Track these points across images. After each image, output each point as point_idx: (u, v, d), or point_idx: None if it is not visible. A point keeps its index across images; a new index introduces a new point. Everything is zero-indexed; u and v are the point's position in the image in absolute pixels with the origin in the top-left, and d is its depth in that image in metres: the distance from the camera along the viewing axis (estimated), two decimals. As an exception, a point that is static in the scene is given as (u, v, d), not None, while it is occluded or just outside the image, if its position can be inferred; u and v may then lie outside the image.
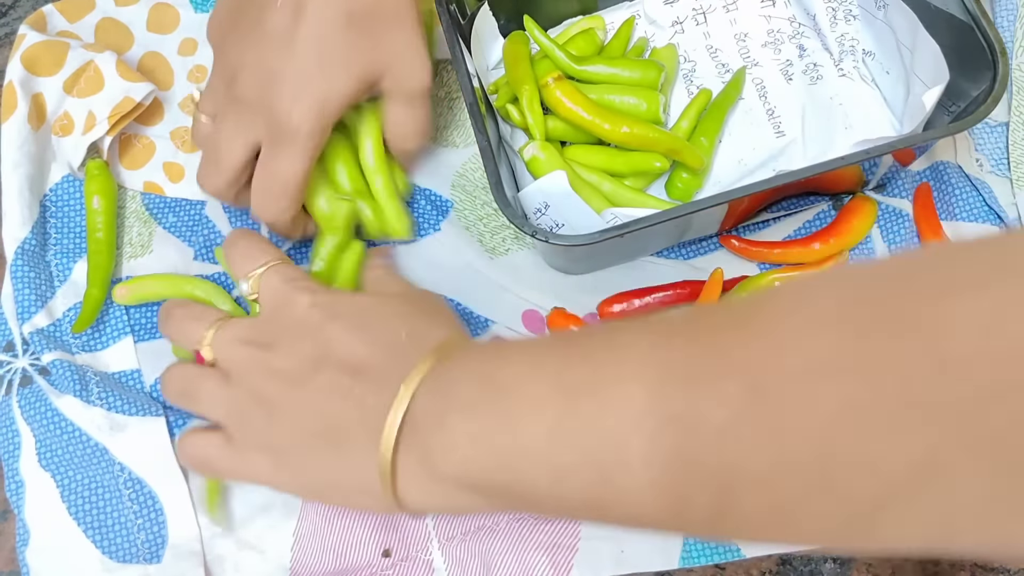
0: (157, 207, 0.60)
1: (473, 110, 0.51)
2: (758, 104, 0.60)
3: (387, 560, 0.50)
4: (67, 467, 0.52)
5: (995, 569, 0.51)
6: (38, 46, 0.59)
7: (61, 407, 0.53)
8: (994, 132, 0.60)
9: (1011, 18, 0.60)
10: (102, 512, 0.52)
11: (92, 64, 0.59)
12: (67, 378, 0.53)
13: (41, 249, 0.58)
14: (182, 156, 0.62)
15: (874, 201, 0.57)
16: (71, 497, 0.52)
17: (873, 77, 0.60)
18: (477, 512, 0.49)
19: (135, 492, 0.52)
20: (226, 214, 0.60)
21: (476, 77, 0.55)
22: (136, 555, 0.51)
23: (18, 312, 0.55)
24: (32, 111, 0.59)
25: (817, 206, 0.58)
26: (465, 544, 0.50)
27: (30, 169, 0.58)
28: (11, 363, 0.55)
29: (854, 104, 0.59)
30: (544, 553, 0.49)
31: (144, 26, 0.65)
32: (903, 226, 0.57)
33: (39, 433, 0.53)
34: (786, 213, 0.58)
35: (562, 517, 0.47)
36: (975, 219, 0.57)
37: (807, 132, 0.59)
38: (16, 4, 0.69)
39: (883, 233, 0.58)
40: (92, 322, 0.55)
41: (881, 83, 0.59)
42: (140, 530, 0.51)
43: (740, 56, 0.61)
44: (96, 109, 0.59)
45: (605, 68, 0.57)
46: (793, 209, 0.58)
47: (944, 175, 0.59)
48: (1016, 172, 0.58)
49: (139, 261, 0.59)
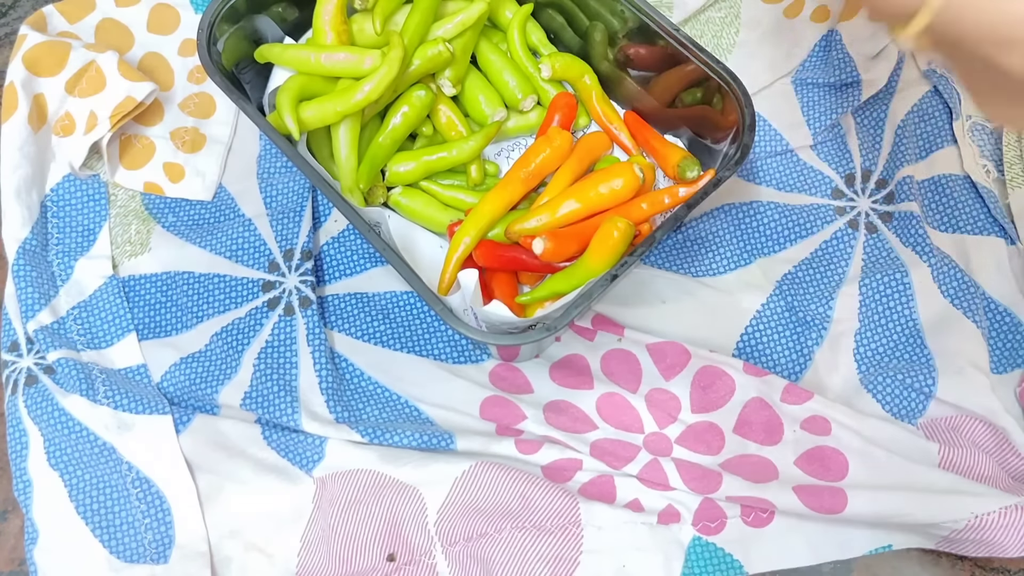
0: (157, 207, 0.61)
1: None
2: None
3: (391, 564, 0.51)
4: (75, 466, 0.53)
5: (995, 568, 0.51)
6: (40, 47, 0.59)
7: (68, 406, 0.54)
8: (992, 136, 0.60)
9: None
10: (110, 512, 0.52)
11: (94, 64, 0.59)
12: (73, 377, 0.54)
13: (42, 249, 0.58)
14: (182, 156, 0.62)
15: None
16: (79, 496, 0.53)
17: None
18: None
19: (143, 492, 0.53)
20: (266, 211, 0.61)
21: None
22: (143, 555, 0.51)
23: (21, 311, 0.56)
24: (33, 112, 0.59)
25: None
26: (468, 549, 0.51)
27: (30, 170, 0.58)
28: (16, 363, 0.55)
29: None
30: (546, 565, 0.50)
31: (144, 27, 0.65)
32: (913, 225, 0.58)
33: (47, 432, 0.54)
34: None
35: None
36: (979, 232, 0.58)
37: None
38: (16, 4, 0.68)
39: (895, 232, 0.58)
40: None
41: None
42: (147, 530, 0.52)
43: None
44: (98, 109, 0.59)
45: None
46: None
47: (946, 188, 0.59)
48: (1009, 173, 0.58)
49: (139, 260, 0.59)
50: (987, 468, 0.51)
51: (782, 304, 0.57)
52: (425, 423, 0.54)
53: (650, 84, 0.59)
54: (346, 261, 0.60)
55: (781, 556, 0.51)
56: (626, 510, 0.51)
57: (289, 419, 0.53)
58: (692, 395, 0.55)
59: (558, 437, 0.53)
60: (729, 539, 0.51)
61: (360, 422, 0.54)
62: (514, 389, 0.55)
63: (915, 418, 0.54)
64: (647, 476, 0.52)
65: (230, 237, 0.60)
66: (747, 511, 0.51)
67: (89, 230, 0.59)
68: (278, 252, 0.59)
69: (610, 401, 0.54)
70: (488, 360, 0.57)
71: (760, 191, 0.61)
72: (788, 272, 0.58)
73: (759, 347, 0.56)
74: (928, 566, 0.52)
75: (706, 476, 0.52)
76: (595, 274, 0.48)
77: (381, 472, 0.53)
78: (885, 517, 0.50)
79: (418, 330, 0.57)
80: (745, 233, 0.59)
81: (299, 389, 0.55)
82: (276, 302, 0.58)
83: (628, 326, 0.56)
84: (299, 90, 0.53)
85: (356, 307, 0.58)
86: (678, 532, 0.51)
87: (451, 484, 0.52)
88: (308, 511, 0.52)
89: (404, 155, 0.57)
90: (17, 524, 0.54)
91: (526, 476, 0.52)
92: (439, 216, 0.57)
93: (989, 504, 0.48)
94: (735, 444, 0.53)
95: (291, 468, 0.53)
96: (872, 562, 0.51)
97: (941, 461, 0.52)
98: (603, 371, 0.56)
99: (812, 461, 0.53)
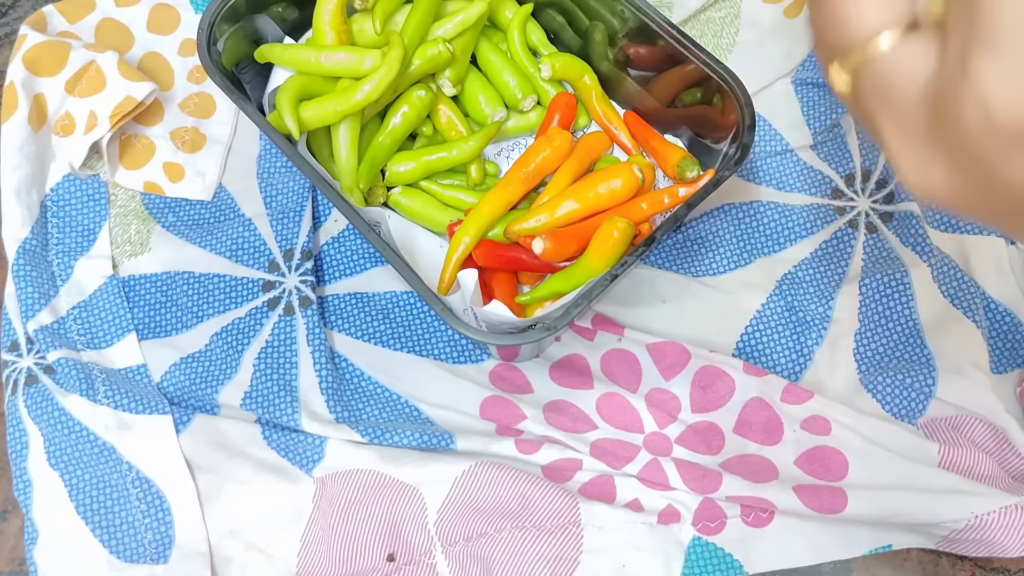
0: (157, 207, 0.61)
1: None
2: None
3: (391, 564, 0.51)
4: (75, 466, 0.53)
5: (995, 568, 0.51)
6: (40, 47, 0.59)
7: (68, 406, 0.54)
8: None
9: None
10: (110, 511, 0.52)
11: (94, 64, 0.59)
12: (73, 377, 0.54)
13: (42, 249, 0.58)
14: (182, 156, 0.62)
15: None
16: (79, 496, 0.53)
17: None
18: None
19: (143, 492, 0.53)
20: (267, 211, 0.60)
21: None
22: (143, 555, 0.51)
23: (22, 310, 0.56)
24: (33, 111, 0.59)
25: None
26: (468, 549, 0.51)
27: (30, 170, 0.58)
28: (16, 363, 0.55)
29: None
30: (546, 565, 0.50)
31: (144, 27, 0.65)
32: (913, 225, 0.58)
33: (47, 432, 0.54)
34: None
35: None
36: (979, 231, 0.58)
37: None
38: (16, 4, 0.68)
39: (895, 232, 0.58)
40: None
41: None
42: (147, 530, 0.52)
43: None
44: (98, 109, 0.59)
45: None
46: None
47: None
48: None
49: (139, 259, 0.59)
50: (987, 468, 0.51)
51: (782, 304, 0.57)
52: (425, 423, 0.54)
53: (650, 84, 0.59)
54: (346, 261, 0.60)
55: (781, 556, 0.51)
56: (626, 510, 0.51)
57: (289, 419, 0.53)
58: (692, 395, 0.55)
59: (558, 437, 0.53)
60: (729, 539, 0.51)
61: (360, 422, 0.54)
62: (514, 389, 0.55)
63: (915, 418, 0.54)
64: (647, 476, 0.52)
65: (230, 237, 0.60)
66: (747, 511, 0.51)
67: (89, 230, 0.59)
68: (278, 252, 0.59)
69: (610, 401, 0.54)
70: (488, 360, 0.57)
71: (760, 191, 0.61)
72: (788, 272, 0.58)
73: (759, 347, 0.56)
74: (928, 566, 0.52)
75: (706, 476, 0.51)
76: (595, 274, 0.48)
77: (381, 472, 0.53)
78: (885, 517, 0.50)
79: (418, 330, 0.57)
80: (745, 233, 0.59)
81: (299, 389, 0.55)
82: (276, 302, 0.58)
83: (628, 326, 0.56)
84: (299, 90, 0.53)
85: (356, 307, 0.58)
86: (678, 532, 0.51)
87: (451, 484, 0.52)
88: (308, 511, 0.52)
89: (404, 155, 0.57)
90: (17, 524, 0.54)
91: (526, 476, 0.52)
92: (439, 216, 0.57)
93: (989, 504, 0.48)
94: (735, 444, 0.53)
95: (291, 468, 0.53)
96: (872, 562, 0.51)
97: (941, 461, 0.52)
98: (603, 371, 0.56)
99: (812, 461, 0.53)
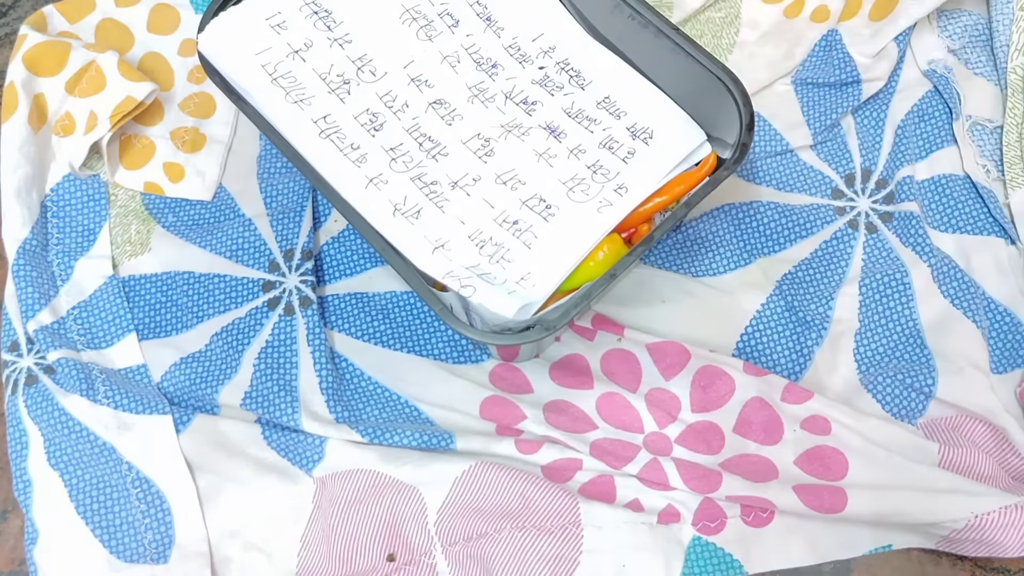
0: (157, 207, 0.61)
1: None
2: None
3: (391, 565, 0.51)
4: (75, 466, 0.53)
5: (995, 568, 0.51)
6: (40, 47, 0.59)
7: (68, 406, 0.54)
8: (992, 136, 0.60)
9: (1007, 22, 0.60)
10: (110, 512, 0.52)
11: (94, 64, 0.59)
12: (73, 377, 0.54)
13: (42, 249, 0.58)
14: (182, 156, 0.62)
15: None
16: (79, 496, 0.53)
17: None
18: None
19: (143, 492, 0.53)
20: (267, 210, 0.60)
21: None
22: (143, 555, 0.51)
23: (22, 310, 0.56)
24: (33, 112, 0.59)
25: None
26: (468, 549, 0.51)
27: (30, 170, 0.58)
28: (16, 363, 0.55)
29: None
30: (546, 565, 0.50)
31: (144, 27, 0.65)
32: (913, 225, 0.58)
33: (47, 432, 0.54)
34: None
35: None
36: (979, 232, 0.58)
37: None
38: (16, 4, 0.68)
39: (895, 232, 0.58)
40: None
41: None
42: (147, 530, 0.52)
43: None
44: (98, 109, 0.59)
45: None
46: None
47: (946, 188, 0.59)
48: (1009, 173, 0.58)
49: (139, 259, 0.59)
50: (987, 468, 0.51)
51: (782, 304, 0.57)
52: (425, 423, 0.54)
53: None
54: (346, 261, 0.60)
55: (781, 556, 0.51)
56: (626, 510, 0.51)
57: (289, 419, 0.53)
58: (692, 395, 0.55)
59: (558, 437, 0.53)
60: (729, 539, 0.51)
61: (360, 422, 0.54)
62: (514, 389, 0.55)
63: (915, 418, 0.54)
64: (647, 476, 0.52)
65: (230, 237, 0.60)
66: (747, 511, 0.51)
67: (89, 230, 0.59)
68: (278, 252, 0.59)
69: (610, 401, 0.54)
70: (488, 360, 0.57)
71: (760, 191, 0.61)
72: (788, 272, 0.58)
73: (759, 347, 0.56)
74: (928, 566, 0.52)
75: (706, 476, 0.52)
76: (595, 274, 0.48)
77: (381, 472, 0.53)
78: (885, 517, 0.50)
79: (418, 330, 0.57)
80: (745, 233, 0.59)
81: (299, 389, 0.55)
82: (276, 302, 0.58)
83: (628, 326, 0.57)
84: None
85: (356, 307, 0.58)
86: (678, 532, 0.51)
87: (451, 484, 0.52)
88: (308, 511, 0.53)
89: None
90: (17, 524, 0.54)
91: (526, 476, 0.52)
92: None
93: (989, 504, 0.48)
94: (735, 444, 0.53)
95: (291, 468, 0.53)
96: (872, 562, 0.51)
97: (941, 461, 0.52)
98: (603, 371, 0.56)
99: (812, 461, 0.53)
